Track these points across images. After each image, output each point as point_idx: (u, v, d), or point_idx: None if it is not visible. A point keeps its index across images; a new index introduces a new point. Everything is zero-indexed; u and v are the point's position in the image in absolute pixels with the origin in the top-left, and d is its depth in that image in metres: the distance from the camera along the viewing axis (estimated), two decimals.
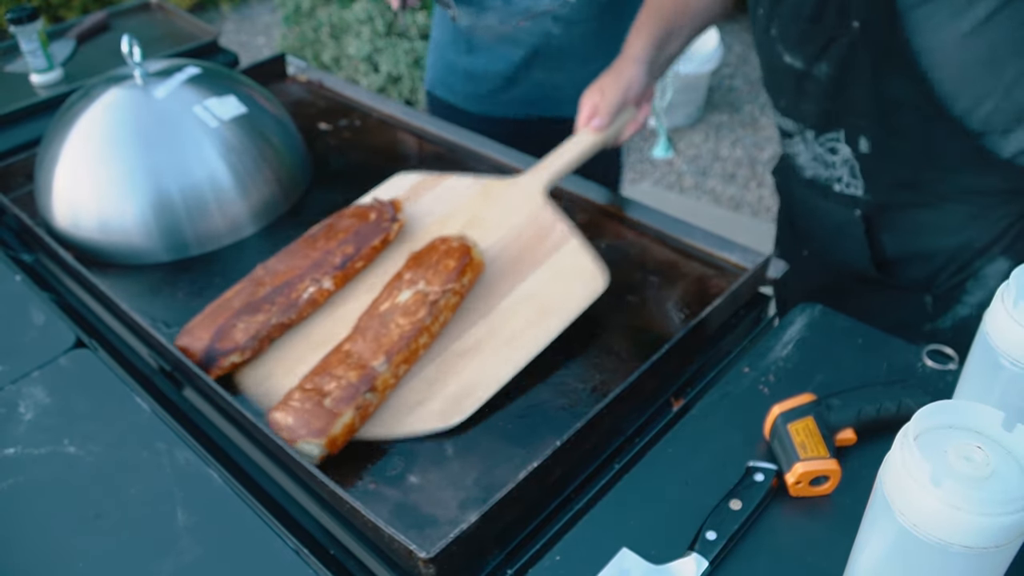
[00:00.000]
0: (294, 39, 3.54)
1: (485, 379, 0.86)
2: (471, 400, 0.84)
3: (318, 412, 0.79)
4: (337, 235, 1.00)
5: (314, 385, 0.82)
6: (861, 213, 1.12)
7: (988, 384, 0.64)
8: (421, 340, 0.87)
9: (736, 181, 3.06)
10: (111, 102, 1.11)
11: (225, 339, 0.89)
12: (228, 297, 0.94)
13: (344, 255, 0.97)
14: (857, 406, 0.74)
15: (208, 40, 1.59)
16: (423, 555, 0.66)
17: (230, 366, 0.89)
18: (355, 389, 0.81)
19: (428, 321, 0.87)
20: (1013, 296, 0.61)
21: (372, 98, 1.41)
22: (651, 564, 0.66)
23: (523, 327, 0.91)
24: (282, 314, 0.92)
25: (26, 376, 0.88)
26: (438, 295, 0.89)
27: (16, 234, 1.18)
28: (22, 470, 0.78)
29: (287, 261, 0.98)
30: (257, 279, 0.97)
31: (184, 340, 0.90)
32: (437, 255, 0.93)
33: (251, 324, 0.91)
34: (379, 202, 1.04)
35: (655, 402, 0.86)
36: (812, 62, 1.03)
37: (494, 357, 0.88)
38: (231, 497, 0.75)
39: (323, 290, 0.95)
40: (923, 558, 0.50)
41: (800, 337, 0.87)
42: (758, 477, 0.71)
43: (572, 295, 0.93)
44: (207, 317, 0.92)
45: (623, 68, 1.14)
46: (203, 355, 0.88)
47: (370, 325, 0.88)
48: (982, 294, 1.09)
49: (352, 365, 0.83)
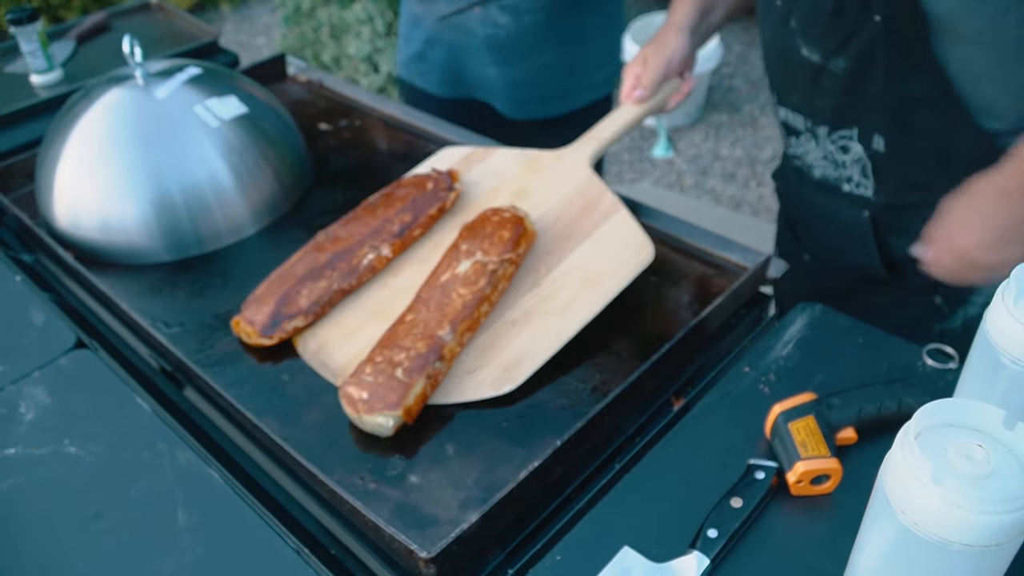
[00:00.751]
0: (294, 39, 3.54)
1: (536, 348, 0.88)
2: (522, 369, 0.86)
3: (391, 384, 0.81)
4: (395, 203, 1.03)
5: (384, 357, 0.84)
6: (869, 214, 1.11)
7: (989, 382, 0.64)
8: (482, 309, 0.89)
9: (736, 181, 3.06)
10: (112, 102, 1.11)
11: (290, 304, 0.93)
12: (291, 263, 0.98)
13: (402, 223, 1.00)
14: (858, 405, 0.74)
15: (208, 40, 1.59)
16: (424, 555, 0.66)
17: (292, 330, 0.93)
18: (424, 359, 0.83)
19: (488, 290, 0.90)
20: (1013, 294, 0.61)
21: (372, 98, 1.41)
22: (652, 562, 0.66)
23: (573, 296, 0.92)
24: (343, 280, 0.95)
25: (26, 376, 0.88)
26: (496, 265, 0.91)
27: (16, 234, 1.18)
28: (23, 470, 0.78)
29: (347, 228, 1.01)
30: (318, 245, 1.00)
31: (250, 307, 0.93)
32: (491, 226, 0.95)
33: (314, 290, 0.94)
34: (436, 172, 1.06)
35: (656, 402, 0.86)
36: (830, 56, 1.02)
37: (545, 326, 0.90)
38: (231, 497, 0.75)
39: (381, 257, 0.98)
40: (924, 556, 0.50)
41: (800, 336, 0.87)
42: (759, 475, 0.71)
43: (620, 265, 0.95)
44: (272, 283, 0.96)
45: (666, 37, 1.13)
46: (268, 320, 0.91)
47: (432, 295, 0.90)
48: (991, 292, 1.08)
49: (419, 336, 0.85)
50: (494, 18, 1.47)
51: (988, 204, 0.89)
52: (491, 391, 0.85)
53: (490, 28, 1.48)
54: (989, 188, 0.88)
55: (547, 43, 1.51)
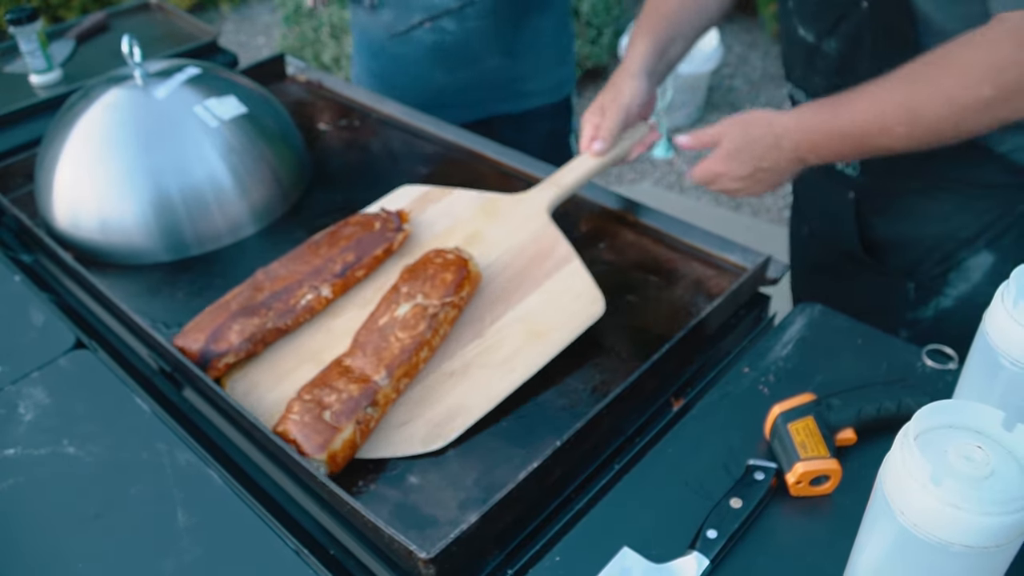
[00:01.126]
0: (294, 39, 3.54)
1: (470, 403, 0.84)
2: (454, 425, 0.83)
3: (317, 426, 0.78)
4: (339, 242, 0.99)
5: (313, 397, 0.81)
6: (854, 195, 1.12)
7: (988, 384, 0.64)
8: (421, 354, 0.86)
9: None
10: (111, 102, 1.11)
11: (220, 340, 0.89)
12: (227, 300, 0.94)
13: (344, 263, 0.96)
14: (857, 406, 0.74)
15: (208, 40, 1.59)
16: (423, 555, 0.66)
17: (224, 367, 0.89)
18: (356, 403, 0.80)
19: (428, 335, 0.86)
20: (1013, 296, 0.61)
21: (372, 98, 1.41)
22: (652, 563, 0.66)
23: (516, 350, 0.88)
24: (278, 319, 0.92)
25: (26, 377, 0.88)
26: (437, 308, 0.88)
27: (15, 234, 1.18)
28: (22, 471, 0.78)
29: (288, 266, 0.97)
30: (256, 283, 0.96)
31: (181, 340, 0.90)
32: (433, 267, 0.92)
33: (246, 326, 0.90)
34: (385, 211, 1.03)
35: (655, 402, 0.86)
36: (823, 37, 1.03)
37: (483, 380, 0.86)
38: (231, 497, 0.75)
39: (321, 297, 0.94)
40: (923, 557, 0.50)
41: (800, 337, 0.87)
42: (758, 476, 0.71)
43: (569, 318, 0.91)
44: (204, 318, 0.92)
45: (623, 84, 1.11)
46: (199, 356, 0.88)
47: (369, 339, 0.86)
48: (965, 287, 1.09)
49: (353, 379, 0.82)
50: (441, 25, 1.47)
51: (760, 145, 0.97)
52: (420, 447, 0.81)
53: (436, 35, 1.48)
54: (768, 132, 0.96)
55: (494, 49, 1.51)
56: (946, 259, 1.09)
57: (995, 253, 1.07)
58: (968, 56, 0.85)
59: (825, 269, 1.28)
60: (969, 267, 1.08)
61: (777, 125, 0.97)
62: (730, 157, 0.99)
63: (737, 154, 0.99)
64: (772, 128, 0.97)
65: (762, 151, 0.98)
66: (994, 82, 0.84)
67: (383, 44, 1.55)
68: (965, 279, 1.09)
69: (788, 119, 0.97)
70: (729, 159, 1.00)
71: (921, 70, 0.88)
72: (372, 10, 1.51)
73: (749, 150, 0.98)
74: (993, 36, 0.85)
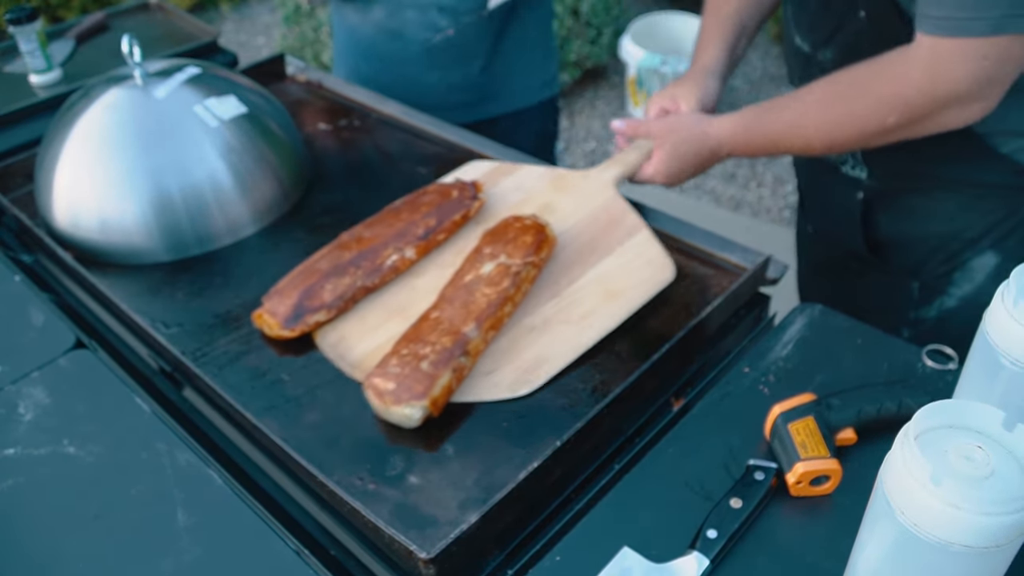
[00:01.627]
0: (294, 39, 3.54)
1: (553, 354, 0.89)
2: (539, 373, 0.87)
3: (417, 375, 0.82)
4: (420, 208, 1.04)
5: (409, 351, 0.85)
6: (863, 196, 1.13)
7: (988, 383, 0.64)
8: (505, 309, 0.90)
9: (736, 181, 3.06)
10: (111, 102, 1.11)
11: (313, 298, 0.94)
12: (315, 259, 0.99)
13: (427, 227, 1.02)
14: (857, 406, 0.74)
15: (208, 40, 1.59)
16: (423, 555, 0.66)
17: (314, 324, 0.93)
18: (450, 353, 0.84)
19: (512, 291, 0.91)
20: (1013, 295, 0.61)
21: (372, 98, 1.41)
22: (652, 563, 0.66)
23: (592, 308, 0.93)
24: (366, 278, 0.97)
25: (26, 377, 0.88)
26: (519, 267, 0.93)
27: (15, 234, 1.18)
28: (22, 470, 0.78)
29: (371, 229, 1.03)
30: (342, 243, 1.01)
31: (272, 300, 0.94)
32: (513, 231, 0.98)
33: (338, 285, 0.95)
34: (461, 181, 1.08)
35: (655, 402, 0.86)
36: (819, 47, 1.04)
37: (563, 334, 0.91)
38: (231, 498, 0.75)
39: (405, 259, 1.00)
40: (923, 557, 0.50)
41: (800, 337, 0.87)
42: (758, 476, 0.71)
43: (642, 282, 0.96)
44: (295, 278, 0.97)
45: (702, 80, 1.16)
46: (291, 312, 0.93)
47: (457, 295, 0.91)
48: (969, 287, 1.10)
49: (444, 331, 0.87)
50: (433, 22, 1.47)
51: (694, 153, 1.09)
52: (507, 393, 0.86)
53: (428, 33, 1.48)
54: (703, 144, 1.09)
55: (483, 48, 1.51)
56: (951, 259, 1.09)
57: (999, 254, 1.07)
58: (880, 87, 0.93)
59: (829, 267, 1.28)
60: (974, 267, 1.09)
61: (712, 138, 1.08)
62: (669, 158, 1.10)
63: (674, 158, 1.10)
64: (707, 140, 1.09)
65: (695, 158, 1.10)
66: (901, 112, 0.92)
67: (372, 43, 1.54)
68: (969, 279, 1.10)
69: (722, 131, 1.07)
70: (670, 160, 1.10)
71: (840, 93, 0.97)
72: (363, 7, 1.51)
73: (683, 157, 1.10)
74: (906, 68, 0.91)
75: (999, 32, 0.84)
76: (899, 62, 0.92)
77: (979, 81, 0.88)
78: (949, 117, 0.92)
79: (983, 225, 1.07)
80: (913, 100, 0.91)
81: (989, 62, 0.87)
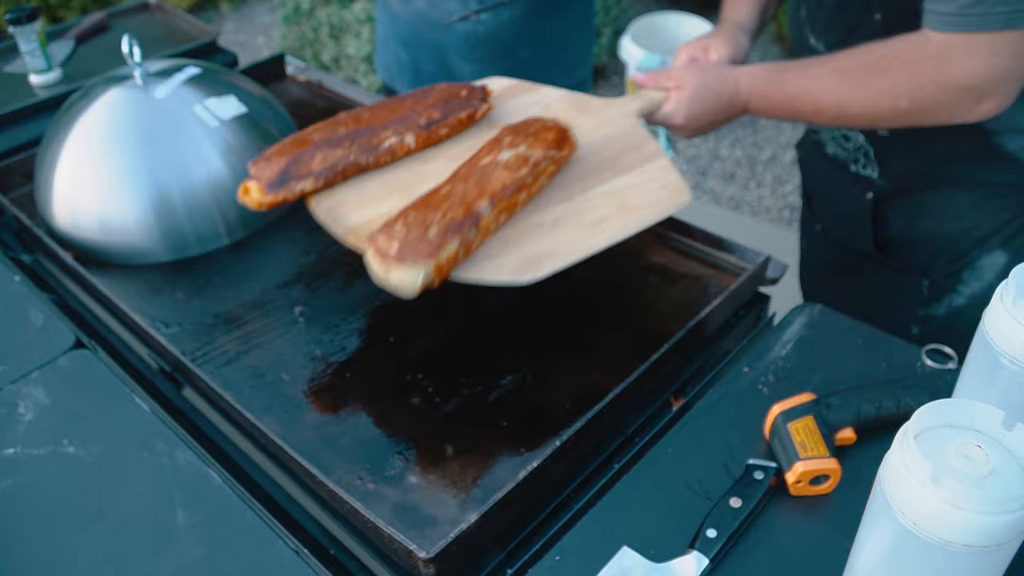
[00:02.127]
0: (294, 39, 3.54)
1: (560, 250, 0.86)
2: (544, 264, 0.85)
3: (424, 240, 0.79)
4: (426, 99, 1.01)
5: (417, 215, 0.82)
6: (873, 196, 1.13)
7: (988, 383, 0.64)
8: (521, 196, 0.88)
9: (736, 181, 3.06)
10: (111, 102, 1.11)
11: (301, 165, 0.91)
12: (307, 132, 0.96)
13: (429, 118, 0.99)
14: (857, 405, 0.74)
15: (207, 40, 1.59)
16: (423, 555, 0.66)
17: (300, 192, 0.91)
18: (460, 224, 0.81)
19: (529, 180, 0.88)
20: (1012, 294, 0.61)
21: (372, 98, 1.41)
22: (652, 562, 0.66)
23: (605, 216, 0.91)
24: (361, 154, 0.94)
25: (26, 376, 0.88)
26: (540, 158, 0.90)
27: (15, 234, 1.18)
28: (22, 470, 0.78)
29: (373, 111, 0.99)
30: (339, 121, 0.98)
31: (259, 165, 0.92)
32: (536, 127, 0.95)
33: (328, 156, 0.92)
34: (471, 84, 1.06)
35: (655, 402, 0.86)
36: (833, 47, 1.05)
37: (573, 235, 0.88)
38: (231, 497, 0.75)
39: (403, 144, 0.97)
40: (923, 557, 0.51)
41: (799, 337, 0.87)
42: (758, 475, 0.71)
43: (657, 201, 0.93)
44: (284, 146, 0.94)
45: (733, 34, 1.15)
46: (276, 176, 0.90)
47: (472, 173, 0.88)
48: (978, 285, 1.10)
49: (456, 204, 0.83)
50: (475, 14, 1.47)
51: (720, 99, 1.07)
52: (509, 277, 0.83)
53: (470, 25, 1.49)
54: (727, 88, 1.06)
55: (525, 41, 1.51)
56: (961, 257, 1.09)
57: (1009, 252, 1.07)
58: (895, 71, 0.93)
59: (838, 266, 1.28)
60: (983, 266, 1.09)
61: (733, 82, 1.06)
62: (691, 99, 1.07)
63: (695, 100, 1.07)
64: (728, 84, 1.06)
65: (715, 102, 1.07)
66: (912, 97, 0.92)
67: (416, 32, 1.55)
68: (978, 278, 1.10)
69: (744, 76, 1.06)
70: (691, 101, 1.07)
71: (856, 71, 0.97)
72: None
73: (704, 100, 1.07)
74: (919, 55, 0.91)
75: (1011, 27, 0.84)
76: (913, 48, 0.92)
77: (991, 77, 0.88)
78: (961, 109, 0.92)
79: (992, 224, 1.07)
80: (925, 87, 0.91)
81: (1001, 57, 0.86)
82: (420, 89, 1.05)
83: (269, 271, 1.05)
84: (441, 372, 0.89)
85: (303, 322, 0.97)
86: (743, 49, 1.17)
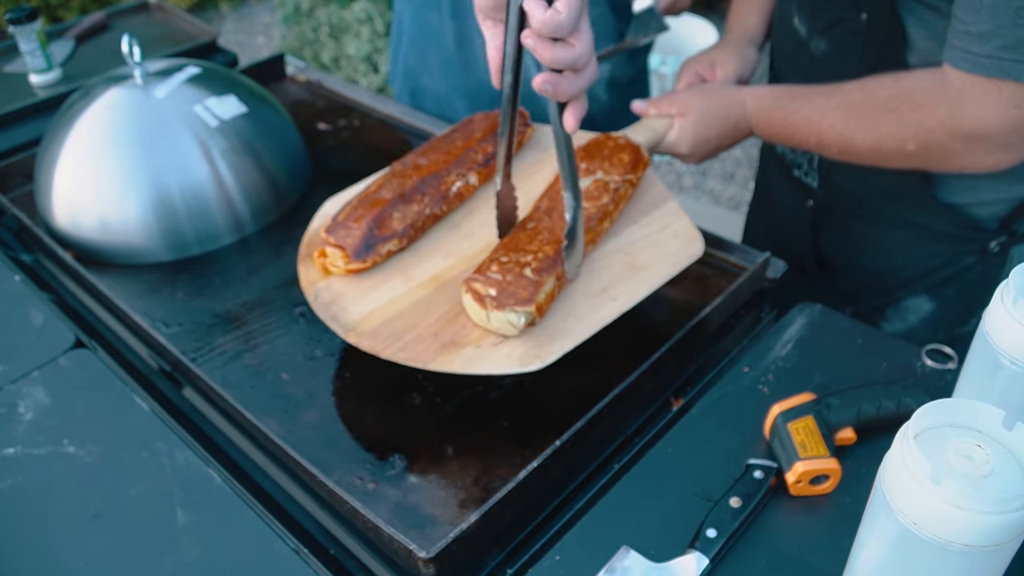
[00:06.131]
0: (293, 39, 3.54)
1: (569, 328, 0.85)
2: (552, 348, 0.83)
3: (521, 282, 0.80)
4: (474, 135, 1.03)
5: (510, 258, 0.83)
6: (813, 204, 1.11)
7: (988, 383, 0.64)
8: (604, 224, 0.89)
9: (735, 181, 3.06)
10: (111, 102, 1.11)
11: (383, 227, 0.90)
12: (373, 190, 0.96)
13: (485, 153, 1.00)
14: (857, 405, 0.74)
15: (207, 40, 1.59)
16: (423, 555, 0.66)
17: (386, 253, 0.90)
18: (553, 261, 0.82)
19: (611, 207, 0.89)
20: (1012, 295, 0.61)
21: (372, 98, 1.41)
22: (652, 562, 0.66)
23: (615, 280, 0.88)
24: (434, 205, 0.94)
25: (26, 376, 0.88)
26: (618, 183, 0.91)
27: (15, 234, 1.18)
28: (22, 470, 0.78)
29: (428, 157, 1.00)
30: (399, 173, 0.98)
31: (337, 233, 0.90)
32: (608, 149, 0.96)
33: (406, 213, 0.92)
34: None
35: (655, 402, 0.86)
36: (814, 34, 1.03)
37: (581, 307, 0.87)
38: (231, 497, 0.75)
39: (468, 185, 0.97)
40: (923, 557, 0.51)
41: (799, 337, 0.87)
42: (758, 475, 0.71)
43: (668, 255, 0.91)
44: (356, 209, 0.93)
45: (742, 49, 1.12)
46: (361, 242, 0.89)
47: (554, 206, 0.88)
48: (901, 326, 1.09)
49: (545, 241, 0.85)
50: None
51: (720, 118, 1.05)
52: (517, 366, 0.81)
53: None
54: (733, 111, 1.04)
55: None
56: (885, 294, 1.08)
57: (935, 300, 1.05)
58: (905, 112, 0.89)
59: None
60: (907, 307, 1.07)
61: (739, 104, 1.04)
62: (695, 124, 1.04)
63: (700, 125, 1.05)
64: (734, 107, 1.04)
65: (722, 125, 1.04)
66: (920, 142, 0.89)
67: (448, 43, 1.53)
68: (902, 319, 1.08)
69: (749, 98, 1.03)
70: (696, 126, 1.04)
71: (864, 108, 0.93)
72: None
73: (709, 125, 1.04)
74: (933, 98, 0.87)
75: None
76: (928, 89, 0.88)
77: (1005, 129, 0.84)
78: (970, 159, 0.88)
79: (919, 268, 1.04)
80: (934, 132, 0.87)
81: (1020, 110, 0.82)
82: (460, 124, 1.05)
83: (269, 271, 1.05)
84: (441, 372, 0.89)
85: (303, 322, 0.97)
86: (751, 64, 1.13)
